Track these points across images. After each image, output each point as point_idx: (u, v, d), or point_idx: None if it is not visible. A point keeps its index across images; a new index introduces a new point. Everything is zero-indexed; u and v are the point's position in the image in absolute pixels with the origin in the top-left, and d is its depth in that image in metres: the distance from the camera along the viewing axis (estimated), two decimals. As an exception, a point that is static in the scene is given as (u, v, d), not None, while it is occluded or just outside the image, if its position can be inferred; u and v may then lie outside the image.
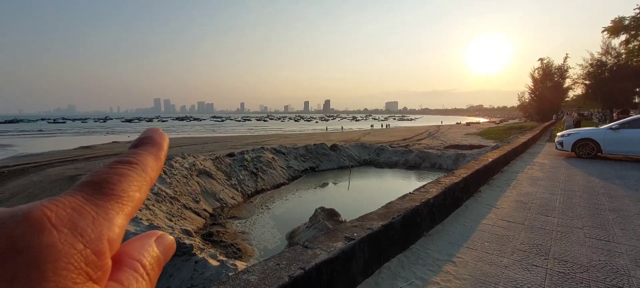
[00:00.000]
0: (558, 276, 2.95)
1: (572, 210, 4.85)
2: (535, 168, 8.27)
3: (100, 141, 36.63)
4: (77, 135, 51.34)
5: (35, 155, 23.39)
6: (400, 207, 3.66)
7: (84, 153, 23.47)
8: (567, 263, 3.19)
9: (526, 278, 2.92)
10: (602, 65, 32.38)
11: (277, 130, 60.32)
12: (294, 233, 9.16)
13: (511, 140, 14.42)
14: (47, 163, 18.65)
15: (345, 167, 18.37)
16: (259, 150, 16.21)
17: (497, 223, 4.33)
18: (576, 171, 7.93)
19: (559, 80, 43.23)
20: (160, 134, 0.27)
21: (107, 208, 0.20)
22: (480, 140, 24.83)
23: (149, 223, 7.33)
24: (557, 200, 5.37)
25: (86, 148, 27.71)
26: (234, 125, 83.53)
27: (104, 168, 0.23)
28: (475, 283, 2.87)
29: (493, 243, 3.67)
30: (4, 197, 11.68)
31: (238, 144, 27.60)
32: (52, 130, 65.94)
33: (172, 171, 11.20)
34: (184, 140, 34.48)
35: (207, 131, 58.80)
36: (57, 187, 12.45)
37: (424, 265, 3.21)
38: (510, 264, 3.19)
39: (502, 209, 4.90)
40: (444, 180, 4.96)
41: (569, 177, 7.18)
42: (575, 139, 10.24)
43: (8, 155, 24.91)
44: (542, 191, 5.95)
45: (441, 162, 18.02)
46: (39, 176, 14.83)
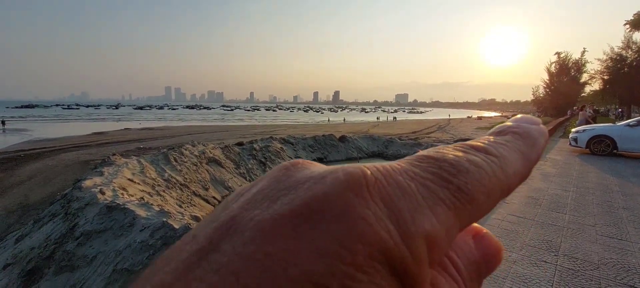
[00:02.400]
0: (568, 273, 2.92)
1: (585, 207, 4.77)
2: (547, 164, 8.12)
3: (112, 127, 37.28)
4: (90, 121, 52.35)
5: (50, 140, 23.98)
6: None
7: (97, 139, 23.96)
8: (577, 260, 3.15)
9: (535, 273, 2.90)
10: (622, 59, 31.33)
11: (286, 120, 60.45)
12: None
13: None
14: (61, 148, 19.12)
15: (353, 159, 18.36)
16: (267, 140, 16.31)
17: (506, 218, 4.28)
18: (590, 168, 7.77)
19: (575, 74, 42.12)
20: (540, 129, 0.20)
21: (438, 199, 0.14)
22: (492, 135, 24.44)
23: (159, 209, 7.48)
24: (569, 196, 5.28)
25: (99, 135, 28.30)
26: (243, 115, 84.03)
27: (452, 148, 0.17)
28: (482, 277, 2.86)
29: (502, 238, 3.64)
30: (22, 179, 12.04)
31: (247, 133, 27.79)
32: (67, 116, 67.39)
33: (182, 158, 11.35)
34: (194, 128, 34.88)
35: (217, 120, 59.30)
36: (71, 171, 12.77)
37: (431, 257, 3.21)
38: (519, 259, 3.17)
39: (512, 204, 4.84)
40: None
41: (583, 174, 7.04)
42: (591, 135, 9.99)
43: (24, 139, 25.57)
44: (554, 187, 5.86)
45: (451, 156, 17.85)
46: (53, 160, 15.22)
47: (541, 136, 0.19)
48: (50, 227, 5.49)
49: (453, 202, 0.14)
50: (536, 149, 0.18)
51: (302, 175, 0.15)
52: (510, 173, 0.17)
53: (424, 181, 0.15)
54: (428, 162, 0.16)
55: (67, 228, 5.05)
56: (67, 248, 4.47)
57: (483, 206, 0.15)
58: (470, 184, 0.15)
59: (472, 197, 0.15)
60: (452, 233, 0.14)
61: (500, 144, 0.18)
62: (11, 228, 7.34)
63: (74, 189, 6.31)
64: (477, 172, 0.16)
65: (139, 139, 23.86)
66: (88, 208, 5.30)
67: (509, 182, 0.17)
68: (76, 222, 5.03)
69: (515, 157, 0.17)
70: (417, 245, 0.13)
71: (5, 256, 5.18)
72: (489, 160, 0.16)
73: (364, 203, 0.13)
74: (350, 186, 0.13)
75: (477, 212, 0.15)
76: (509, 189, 0.17)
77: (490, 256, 0.18)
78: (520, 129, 0.19)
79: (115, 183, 6.77)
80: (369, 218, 0.13)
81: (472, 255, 0.17)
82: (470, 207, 0.15)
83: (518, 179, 0.17)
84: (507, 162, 0.17)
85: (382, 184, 0.14)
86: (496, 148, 0.17)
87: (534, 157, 0.18)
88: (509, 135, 0.19)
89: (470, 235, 0.18)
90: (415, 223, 0.13)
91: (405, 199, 0.14)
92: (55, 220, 5.60)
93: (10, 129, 35.44)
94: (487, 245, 0.18)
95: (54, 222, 5.58)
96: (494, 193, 0.16)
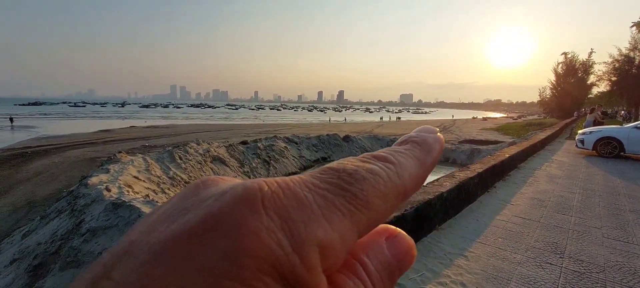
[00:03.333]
0: (573, 275, 2.90)
1: (591, 209, 4.72)
2: (553, 166, 8.05)
3: (118, 125, 37.58)
4: (96, 118, 52.81)
5: (56, 137, 24.22)
6: (412, 199, 3.64)
7: (103, 137, 24.16)
8: (583, 263, 3.12)
9: (540, 275, 2.88)
10: (630, 61, 30.93)
11: (290, 119, 60.51)
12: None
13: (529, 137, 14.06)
14: (68, 145, 19.31)
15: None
16: (271, 139, 16.34)
17: (511, 219, 4.26)
18: (597, 170, 7.69)
19: (583, 75, 41.66)
20: (436, 137, 0.22)
21: (334, 207, 0.15)
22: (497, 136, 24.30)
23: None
24: (575, 198, 5.24)
25: (105, 132, 28.51)
26: (247, 114, 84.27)
27: (353, 158, 0.19)
28: (487, 277, 2.85)
29: (507, 240, 3.62)
30: (29, 176, 12.18)
31: (251, 132, 27.86)
32: (73, 113, 68.05)
33: (187, 156, 11.42)
34: (199, 127, 35.04)
35: (222, 119, 59.52)
36: (77, 168, 12.90)
37: (435, 258, 3.20)
38: (524, 261, 3.15)
39: (517, 206, 4.81)
40: (459, 174, 4.90)
41: (589, 176, 6.97)
42: (597, 137, 9.88)
43: (31, 136, 25.87)
44: (559, 189, 5.81)
45: (455, 157, 17.76)
46: (60, 157, 15.38)
47: (436, 143, 0.21)
48: (56, 223, 5.56)
49: (348, 209, 0.15)
50: (431, 155, 0.20)
51: (206, 193, 0.15)
52: (406, 177, 0.18)
53: (322, 191, 0.16)
54: (329, 173, 0.17)
55: (73, 224, 5.11)
56: (73, 244, 4.52)
57: (380, 209, 0.17)
58: (366, 191, 0.16)
59: (367, 202, 0.16)
60: (348, 238, 0.15)
61: (400, 152, 0.20)
62: (18, 224, 7.44)
63: (80, 186, 6.38)
64: (373, 179, 0.17)
65: (144, 137, 24.03)
66: (94, 205, 5.36)
67: (405, 185, 0.18)
68: (82, 218, 5.09)
69: (412, 163, 0.19)
70: (309, 253, 0.14)
71: (13, 251, 5.25)
72: (386, 167, 0.18)
73: (257, 217, 0.13)
74: (245, 201, 0.14)
75: (376, 215, 0.16)
76: (406, 192, 0.18)
77: (402, 255, 0.19)
78: (418, 138, 0.21)
79: (121, 181, 6.83)
80: (260, 232, 0.13)
81: (384, 256, 0.18)
82: (367, 212, 0.16)
83: (414, 182, 0.19)
84: (404, 168, 0.18)
85: (278, 197, 0.14)
86: (395, 156, 0.19)
87: (429, 161, 0.20)
88: (409, 144, 0.21)
89: (384, 237, 0.19)
90: (308, 232, 0.14)
91: (301, 210, 0.14)
92: (62, 217, 5.66)
93: (18, 125, 35.88)
94: (399, 245, 0.19)
95: (60, 219, 5.64)
96: (390, 197, 0.17)
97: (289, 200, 0.15)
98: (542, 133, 14.67)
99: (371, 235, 0.19)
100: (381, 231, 0.20)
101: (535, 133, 16.86)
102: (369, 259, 0.18)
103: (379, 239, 0.19)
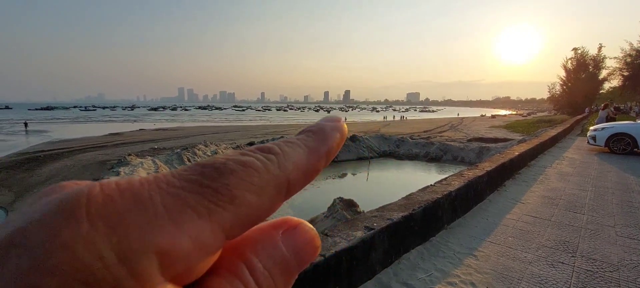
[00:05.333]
0: (585, 274, 2.85)
1: (604, 207, 4.64)
2: (564, 164, 7.93)
3: (128, 128, 38.12)
4: (106, 122, 53.65)
5: (68, 141, 24.68)
6: (421, 198, 3.62)
7: (113, 140, 24.53)
8: (595, 262, 3.07)
9: (551, 274, 2.84)
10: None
11: (296, 120, 60.65)
12: (312, 222, 9.26)
13: (539, 134, 13.86)
14: (79, 148, 19.66)
15: (364, 158, 18.30)
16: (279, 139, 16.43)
17: (521, 218, 4.21)
18: (609, 167, 7.54)
19: (593, 71, 40.89)
20: (335, 125, 0.21)
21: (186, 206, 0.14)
22: (506, 133, 24.01)
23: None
24: (587, 196, 5.15)
25: (115, 135, 28.96)
26: (254, 115, 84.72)
27: (232, 151, 0.17)
28: (497, 277, 2.82)
29: (517, 239, 3.58)
30: (40, 179, 12.45)
31: (258, 133, 28.01)
32: (84, 117, 69.28)
33: (195, 158, 11.54)
34: (206, 129, 35.36)
35: (229, 120, 59.97)
36: (89, 171, 13.13)
37: (444, 257, 3.18)
38: (535, 260, 3.11)
39: (527, 204, 4.75)
40: (467, 173, 4.86)
41: (601, 173, 6.85)
42: (610, 133, 9.69)
43: (43, 140, 26.41)
44: (571, 187, 5.71)
45: (464, 155, 17.59)
46: (71, 160, 15.67)
47: (334, 131, 0.20)
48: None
49: (206, 207, 0.14)
50: (327, 143, 0.19)
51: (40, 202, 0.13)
52: (290, 167, 0.17)
53: (175, 190, 0.14)
54: (192, 169, 0.15)
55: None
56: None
57: (255, 204, 0.15)
58: (231, 185, 0.15)
59: (233, 198, 0.14)
60: (205, 239, 0.14)
61: (289, 142, 0.18)
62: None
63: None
64: (243, 172, 0.15)
65: (153, 139, 24.35)
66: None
67: (288, 176, 0.17)
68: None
69: (300, 152, 0.18)
70: (141, 263, 0.12)
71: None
72: (265, 157, 0.17)
73: (73, 227, 0.12)
74: (62, 209, 0.12)
75: (250, 210, 0.15)
76: (289, 182, 0.17)
77: (300, 248, 0.18)
78: (315, 127, 0.20)
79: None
80: (73, 245, 0.11)
81: (277, 251, 0.17)
82: (234, 208, 0.14)
83: (301, 172, 0.17)
84: (288, 158, 0.17)
85: (111, 201, 0.13)
86: (280, 146, 0.18)
87: (323, 150, 0.19)
88: (304, 134, 0.20)
89: (280, 231, 0.18)
90: (143, 239, 0.12)
91: (139, 214, 0.13)
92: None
93: (32, 130, 36.80)
94: (297, 237, 0.18)
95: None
96: (268, 189, 0.16)
97: (126, 203, 0.13)
98: (552, 130, 14.45)
99: (264, 229, 0.18)
100: (278, 224, 0.18)
101: (546, 130, 16.61)
102: (258, 257, 0.16)
103: (273, 234, 0.18)
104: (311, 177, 0.18)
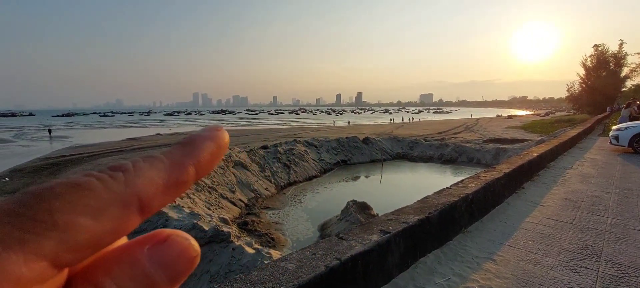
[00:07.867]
0: (611, 279, 2.75)
1: (628, 209, 4.47)
2: (586, 165, 7.68)
3: (144, 133, 39.12)
4: (124, 127, 55.15)
5: (88, 146, 25.48)
6: (437, 201, 3.58)
7: (131, 144, 25.19)
8: (621, 266, 2.96)
9: (574, 280, 2.76)
10: (668, 51, 29.02)
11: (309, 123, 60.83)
12: (326, 225, 9.26)
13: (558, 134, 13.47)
14: (98, 153, 20.27)
15: (377, 161, 18.18)
16: (291, 143, 16.48)
17: (542, 221, 4.10)
18: (633, 168, 7.26)
19: (614, 68, 39.49)
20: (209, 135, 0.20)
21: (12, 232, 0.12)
22: (524, 134, 23.44)
23: (190, 211, 7.75)
24: (610, 199, 4.97)
25: (133, 140, 29.73)
26: (267, 118, 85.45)
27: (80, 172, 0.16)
28: (517, 282, 2.76)
29: (537, 243, 3.49)
30: (64, 183, 12.89)
31: (271, 136, 28.22)
32: (103, 123, 71.47)
33: (210, 162, 11.74)
34: (220, 133, 35.90)
35: (242, 124, 60.68)
36: (108, 175, 13.52)
37: (462, 262, 3.13)
38: (557, 265, 3.02)
39: (547, 207, 4.62)
40: (484, 175, 4.77)
41: (625, 174, 6.60)
42: (634, 133, 9.33)
43: (66, 145, 27.36)
44: (593, 189, 5.53)
45: (480, 157, 17.27)
46: (91, 165, 16.16)
47: (206, 141, 0.19)
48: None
49: (17, 238, 0.12)
50: (194, 155, 0.18)
51: None
52: (140, 184, 0.16)
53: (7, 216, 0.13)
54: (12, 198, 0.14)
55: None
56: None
57: (91, 226, 0.14)
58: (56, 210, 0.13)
59: (55, 224, 0.13)
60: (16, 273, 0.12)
61: (148, 156, 0.17)
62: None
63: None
64: (74, 194, 0.14)
65: (169, 144, 24.67)
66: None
67: (137, 193, 0.15)
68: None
69: (159, 166, 0.17)
70: None
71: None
72: (109, 176, 0.15)
73: None
74: None
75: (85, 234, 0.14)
76: (141, 199, 0.16)
77: (170, 262, 0.16)
78: (185, 138, 0.19)
79: (149, 187, 7.09)
80: None
81: (139, 269, 0.16)
82: (59, 234, 0.13)
83: (157, 187, 0.16)
84: (140, 174, 0.16)
85: None
86: (135, 162, 0.17)
87: (188, 162, 0.18)
88: (172, 146, 0.19)
89: (144, 248, 0.17)
90: None
91: None
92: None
93: (55, 136, 38.43)
94: (166, 252, 0.17)
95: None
96: (109, 210, 0.15)
97: None
98: (572, 130, 14.02)
99: (124, 248, 0.17)
100: (143, 240, 0.17)
101: (565, 130, 16.12)
102: (112, 278, 0.15)
103: (134, 251, 0.16)
104: (176, 192, 0.17)
